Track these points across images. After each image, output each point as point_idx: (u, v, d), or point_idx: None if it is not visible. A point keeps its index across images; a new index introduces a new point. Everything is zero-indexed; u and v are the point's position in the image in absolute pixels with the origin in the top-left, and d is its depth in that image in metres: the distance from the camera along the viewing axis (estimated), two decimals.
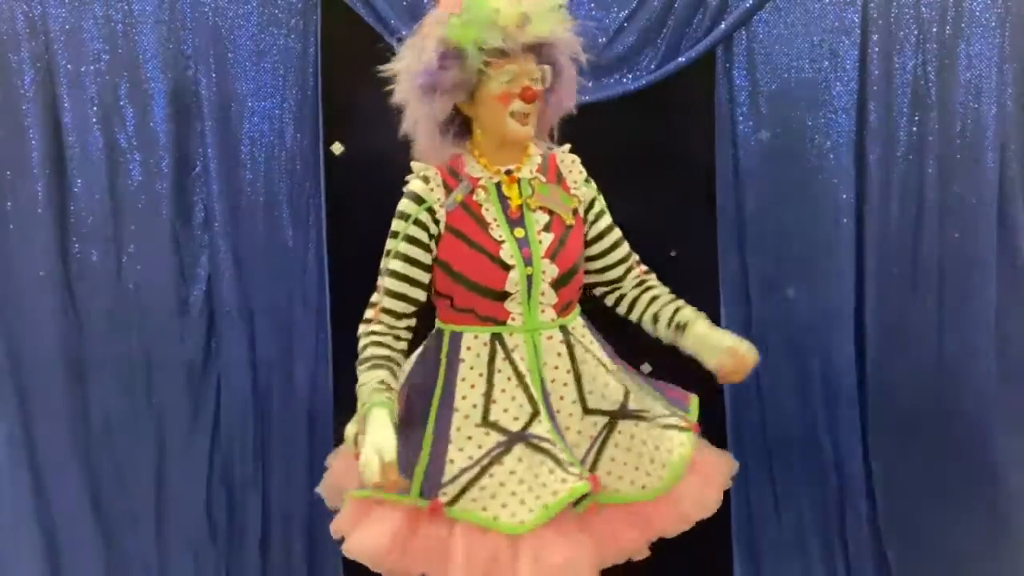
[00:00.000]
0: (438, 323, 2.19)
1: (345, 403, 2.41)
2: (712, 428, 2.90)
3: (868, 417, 2.92)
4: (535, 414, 2.05)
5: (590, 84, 2.79)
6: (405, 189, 2.13)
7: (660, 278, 2.89)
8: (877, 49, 2.80)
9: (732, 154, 2.85)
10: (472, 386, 2.09)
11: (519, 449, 2.01)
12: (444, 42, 2.02)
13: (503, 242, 2.07)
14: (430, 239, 2.10)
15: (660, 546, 2.26)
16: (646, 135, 2.85)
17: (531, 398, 2.06)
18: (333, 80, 2.84)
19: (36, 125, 2.79)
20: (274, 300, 2.89)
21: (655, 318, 2.25)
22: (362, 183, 2.86)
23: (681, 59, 2.78)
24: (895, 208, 2.84)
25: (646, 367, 2.89)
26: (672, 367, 2.87)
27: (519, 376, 2.08)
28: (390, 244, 2.12)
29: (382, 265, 2.13)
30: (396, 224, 2.11)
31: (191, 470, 2.92)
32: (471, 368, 2.10)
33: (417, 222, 2.09)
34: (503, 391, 2.07)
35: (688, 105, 2.86)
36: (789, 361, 2.91)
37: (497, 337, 2.10)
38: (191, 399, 2.90)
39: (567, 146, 2.22)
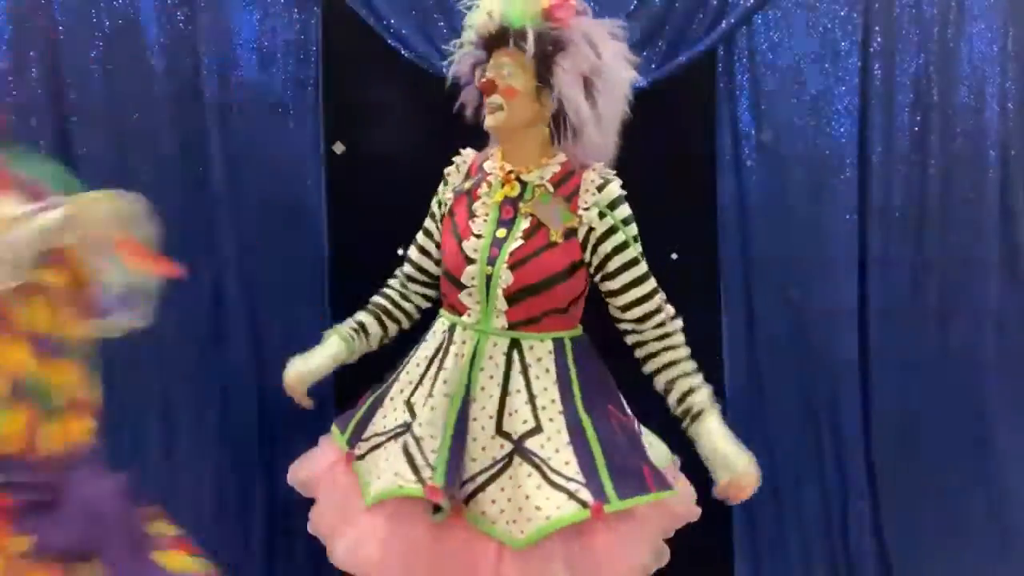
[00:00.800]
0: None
1: (346, 403, 2.42)
2: None
3: (870, 416, 2.92)
4: (431, 409, 2.10)
5: None
6: None
7: (660, 280, 2.90)
8: (878, 48, 2.80)
9: (733, 154, 2.85)
10: (417, 365, 2.19)
11: (408, 435, 2.10)
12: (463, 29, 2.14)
13: (478, 236, 2.09)
14: (442, 217, 2.23)
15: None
16: (646, 135, 2.84)
17: (433, 393, 2.11)
18: (333, 80, 2.84)
19: (36, 125, 2.78)
20: (274, 299, 2.89)
21: (667, 386, 2.15)
22: (362, 182, 2.87)
23: (681, 59, 2.77)
24: (897, 208, 2.84)
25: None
26: None
27: (440, 371, 2.12)
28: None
29: None
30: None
31: (191, 470, 2.92)
32: (425, 349, 2.20)
33: (437, 201, 2.27)
34: (432, 379, 2.13)
35: (688, 105, 2.86)
36: (790, 361, 2.91)
37: (452, 328, 2.14)
38: (193, 400, 2.90)
39: (600, 165, 2.13)
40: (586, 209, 2.08)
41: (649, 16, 2.77)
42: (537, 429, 2.03)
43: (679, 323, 2.19)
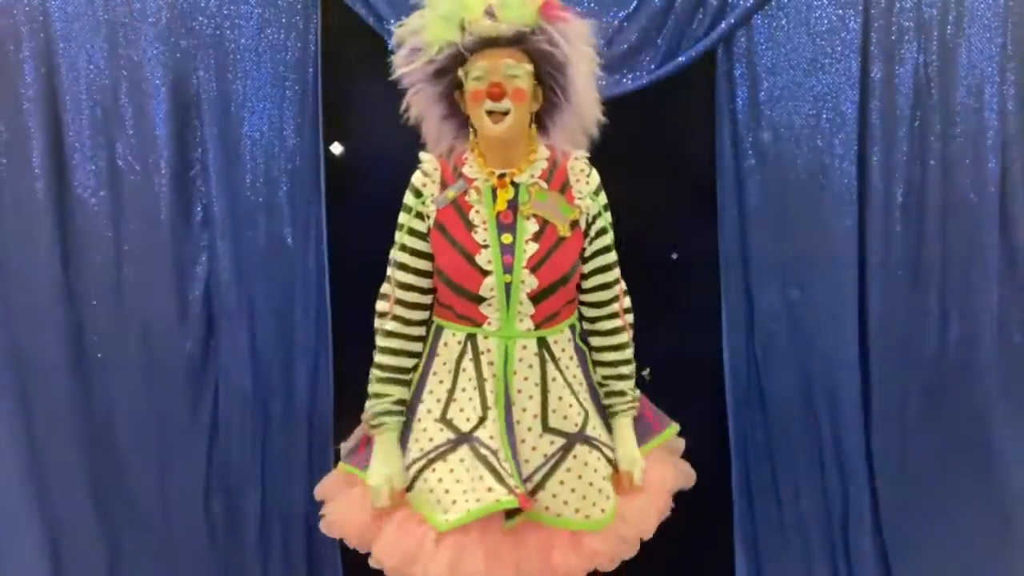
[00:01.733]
0: (433, 315, 2.22)
1: (345, 403, 2.42)
2: (714, 429, 2.93)
3: (870, 416, 2.91)
4: (483, 419, 2.06)
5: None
6: (410, 181, 2.17)
7: (661, 280, 2.91)
8: (878, 48, 2.79)
9: (733, 154, 2.85)
10: (440, 381, 2.14)
11: (463, 450, 2.05)
12: (415, 35, 2.04)
13: (485, 246, 2.06)
14: (428, 230, 2.13)
15: (660, 545, 2.26)
16: (646, 135, 2.84)
17: (484, 403, 2.07)
18: (333, 80, 2.83)
19: (37, 124, 2.78)
20: (274, 300, 2.88)
21: (601, 382, 2.25)
22: (362, 183, 2.86)
23: (681, 58, 2.77)
24: (896, 207, 2.84)
25: (646, 372, 2.88)
26: (674, 372, 2.89)
27: (480, 379, 2.09)
28: (397, 236, 2.17)
29: (391, 256, 2.19)
30: (401, 216, 2.16)
31: (191, 470, 2.91)
32: (443, 364, 2.14)
33: (417, 215, 2.14)
34: (463, 391, 2.10)
35: (688, 105, 2.86)
36: (791, 360, 2.91)
37: (471, 338, 2.12)
38: (190, 399, 2.89)
39: (582, 152, 2.16)
40: (581, 198, 2.12)
41: (649, 16, 2.76)
42: (587, 415, 2.14)
43: (630, 317, 2.28)
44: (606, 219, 2.16)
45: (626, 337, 2.23)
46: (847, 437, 2.91)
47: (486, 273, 2.05)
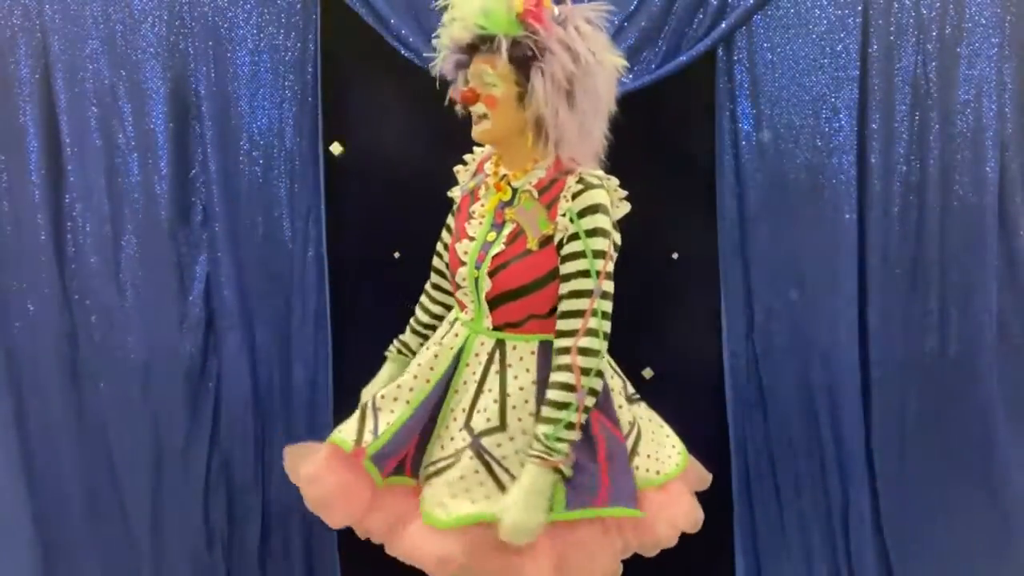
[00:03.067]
0: None
1: (345, 403, 2.41)
2: (714, 429, 2.93)
3: (871, 417, 2.91)
4: (405, 381, 2.13)
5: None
6: None
7: (661, 280, 2.91)
8: (877, 48, 2.79)
9: (733, 154, 2.85)
10: (426, 349, 2.21)
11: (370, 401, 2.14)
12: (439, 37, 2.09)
13: (471, 238, 2.10)
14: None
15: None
16: (646, 135, 2.84)
17: (423, 373, 2.13)
18: (333, 80, 2.83)
19: (35, 124, 2.78)
20: (273, 300, 2.88)
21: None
22: (361, 183, 2.86)
23: (681, 58, 2.77)
24: (896, 208, 2.84)
25: (647, 372, 2.88)
26: (674, 373, 2.89)
27: (435, 357, 2.14)
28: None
29: None
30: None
31: (190, 470, 2.91)
32: (434, 336, 2.24)
33: (452, 198, 2.27)
34: (428, 359, 2.15)
35: (688, 105, 2.86)
36: (791, 361, 2.91)
37: (453, 323, 2.19)
38: (190, 399, 2.89)
39: (589, 171, 2.04)
40: (562, 215, 2.01)
41: (649, 16, 2.76)
42: (500, 428, 2.02)
43: (585, 360, 1.97)
44: (587, 244, 1.98)
45: (564, 377, 1.97)
46: (847, 437, 2.91)
47: (462, 263, 2.10)
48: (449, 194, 2.27)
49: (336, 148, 2.87)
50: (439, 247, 2.34)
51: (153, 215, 2.84)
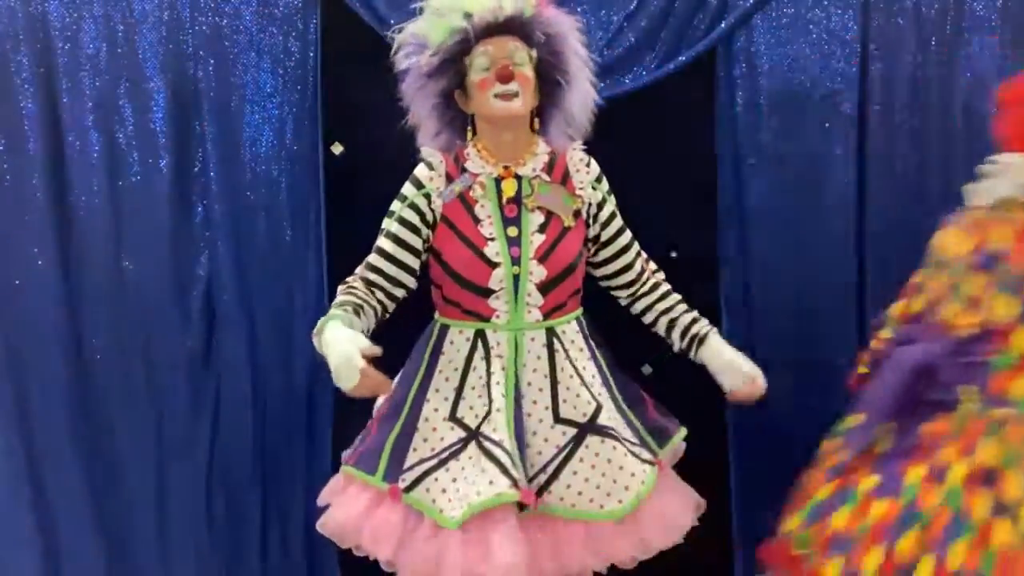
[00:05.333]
0: (436, 314, 2.24)
1: (345, 403, 2.41)
2: (713, 429, 2.93)
3: None
4: (488, 413, 2.07)
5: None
6: (412, 173, 2.18)
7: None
8: (877, 48, 2.79)
9: (733, 154, 2.85)
10: (447, 379, 2.14)
11: (472, 447, 2.05)
12: (416, 36, 2.08)
13: (492, 239, 2.09)
14: (423, 224, 2.14)
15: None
16: (646, 135, 2.84)
17: (490, 398, 2.08)
18: (333, 80, 2.83)
19: (35, 124, 2.78)
20: (274, 300, 2.88)
21: (670, 325, 2.31)
22: (362, 183, 2.86)
23: (681, 58, 2.77)
24: (897, 208, 2.84)
25: (647, 368, 2.88)
26: (672, 370, 2.88)
27: (490, 375, 2.10)
28: (385, 223, 2.19)
29: (375, 244, 2.20)
30: (394, 204, 2.18)
31: (191, 470, 2.91)
32: (449, 362, 2.15)
33: (412, 205, 2.15)
34: (472, 388, 2.11)
35: (688, 105, 2.86)
36: (791, 361, 2.90)
37: (480, 334, 2.13)
38: (191, 398, 2.90)
39: (578, 144, 2.20)
40: (583, 188, 2.17)
41: (649, 16, 2.77)
42: (599, 407, 2.13)
43: (661, 274, 2.38)
44: (612, 203, 2.23)
45: (667, 286, 2.34)
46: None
47: (495, 265, 2.08)
48: (418, 207, 2.14)
49: (336, 148, 2.87)
50: (383, 263, 2.14)
51: (154, 215, 2.84)
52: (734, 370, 2.26)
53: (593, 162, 2.22)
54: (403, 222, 2.14)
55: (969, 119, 2.81)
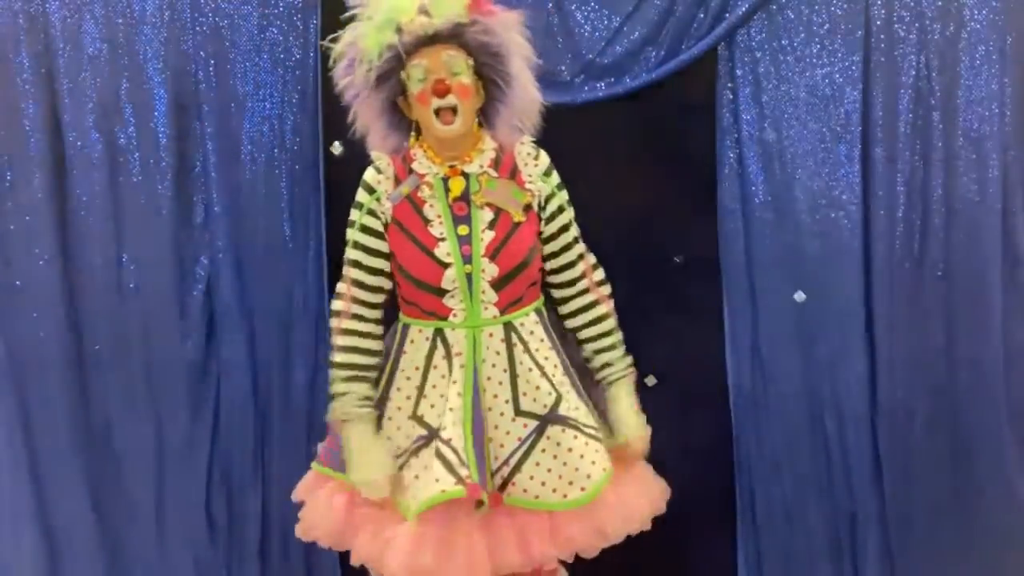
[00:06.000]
0: (399, 313, 2.25)
1: None
2: (717, 429, 2.92)
3: (876, 421, 2.89)
4: (449, 410, 2.08)
5: (591, 84, 2.80)
6: (362, 178, 2.19)
7: (663, 282, 2.89)
8: (879, 48, 2.78)
9: (734, 154, 2.84)
10: (408, 378, 2.16)
11: (433, 445, 2.07)
12: (352, 47, 2.06)
13: (442, 239, 2.09)
14: (384, 227, 2.15)
15: (663, 546, 2.25)
16: (646, 135, 2.84)
17: (447, 396, 2.09)
18: (333, 80, 2.83)
19: (36, 125, 2.78)
20: (274, 300, 2.88)
21: (589, 357, 2.29)
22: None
23: (682, 58, 2.77)
24: (899, 209, 2.83)
25: (651, 380, 2.86)
26: (677, 373, 2.88)
27: (451, 373, 2.11)
28: (349, 233, 2.19)
29: (345, 255, 2.20)
30: (353, 213, 2.18)
31: (191, 470, 2.91)
32: (411, 361, 2.16)
33: (370, 212, 2.16)
34: (434, 387, 2.13)
35: (689, 105, 2.85)
36: (795, 362, 2.89)
37: (439, 332, 2.14)
38: (191, 399, 2.90)
39: (527, 138, 2.18)
40: (532, 181, 2.15)
41: (649, 16, 2.76)
42: (559, 397, 2.14)
43: (606, 289, 2.29)
44: (561, 198, 2.20)
45: (603, 309, 2.27)
46: (853, 440, 2.89)
47: (446, 265, 2.08)
48: (370, 209, 2.15)
49: (336, 148, 2.87)
50: (363, 275, 2.16)
51: (154, 215, 2.84)
52: (621, 423, 2.24)
53: (543, 154, 2.19)
54: (365, 229, 2.16)
55: (971, 119, 2.80)
